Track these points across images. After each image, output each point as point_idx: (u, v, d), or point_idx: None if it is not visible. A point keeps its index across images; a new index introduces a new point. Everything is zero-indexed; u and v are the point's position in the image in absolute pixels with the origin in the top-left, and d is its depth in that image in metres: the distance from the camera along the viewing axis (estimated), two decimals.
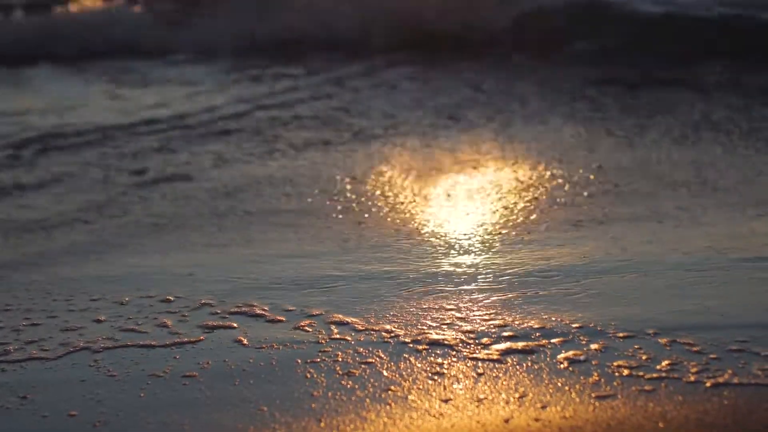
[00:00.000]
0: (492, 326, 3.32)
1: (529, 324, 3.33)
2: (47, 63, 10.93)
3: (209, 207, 4.92)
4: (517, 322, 3.35)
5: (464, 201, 5.00)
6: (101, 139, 6.66)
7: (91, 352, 3.18)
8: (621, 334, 3.23)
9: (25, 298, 3.67)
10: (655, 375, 2.94)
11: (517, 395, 2.85)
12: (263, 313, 3.48)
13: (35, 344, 3.24)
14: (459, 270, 3.88)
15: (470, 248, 4.15)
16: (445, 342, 3.20)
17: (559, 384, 2.90)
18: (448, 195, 5.15)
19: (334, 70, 9.54)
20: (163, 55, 10.91)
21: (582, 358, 3.07)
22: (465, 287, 3.69)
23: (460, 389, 2.89)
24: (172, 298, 3.62)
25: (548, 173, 5.66)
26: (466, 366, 3.03)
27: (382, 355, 3.12)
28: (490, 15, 10.65)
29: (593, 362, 3.04)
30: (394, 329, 3.31)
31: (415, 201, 5.01)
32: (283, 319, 3.43)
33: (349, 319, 3.40)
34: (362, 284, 3.74)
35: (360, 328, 3.33)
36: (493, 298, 3.57)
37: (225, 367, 3.06)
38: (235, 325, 3.38)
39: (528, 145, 6.31)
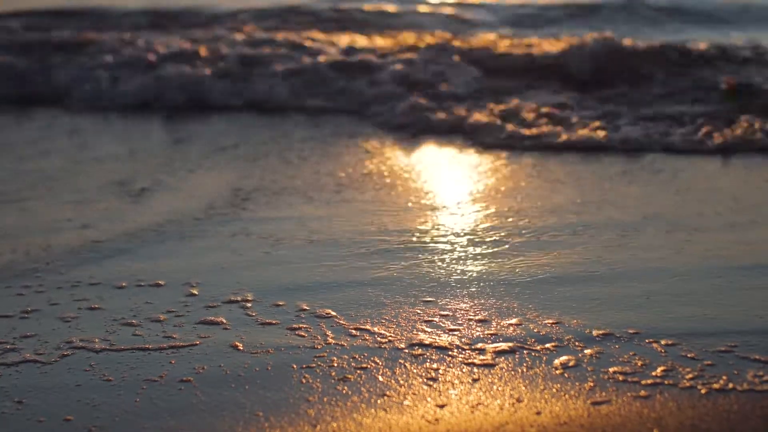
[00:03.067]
0: (487, 332, 3.32)
1: (524, 330, 3.33)
2: None
3: (207, 213, 4.92)
4: (512, 328, 3.35)
5: (458, 208, 5.01)
6: None
7: (87, 356, 3.18)
8: (616, 341, 3.23)
9: (23, 300, 3.66)
10: (650, 381, 2.95)
11: (512, 401, 2.85)
12: (258, 318, 3.48)
13: (31, 348, 3.23)
14: (454, 275, 3.88)
15: (465, 254, 4.15)
16: (441, 347, 3.20)
17: (555, 390, 2.91)
18: (442, 202, 5.16)
19: None
20: None
21: (577, 363, 3.07)
22: (460, 293, 3.69)
23: (456, 395, 2.89)
24: (168, 302, 3.62)
25: (541, 179, 5.67)
26: (462, 371, 3.04)
27: (378, 361, 3.12)
28: None
29: (588, 368, 3.04)
30: (389, 334, 3.31)
31: (408, 207, 5.01)
32: (278, 323, 3.43)
33: (344, 324, 3.40)
34: (357, 290, 3.74)
35: (355, 333, 3.33)
36: (488, 304, 3.57)
37: (220, 372, 3.06)
38: (230, 329, 3.38)
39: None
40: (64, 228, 4.65)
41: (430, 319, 3.44)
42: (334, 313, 3.49)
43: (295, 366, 3.09)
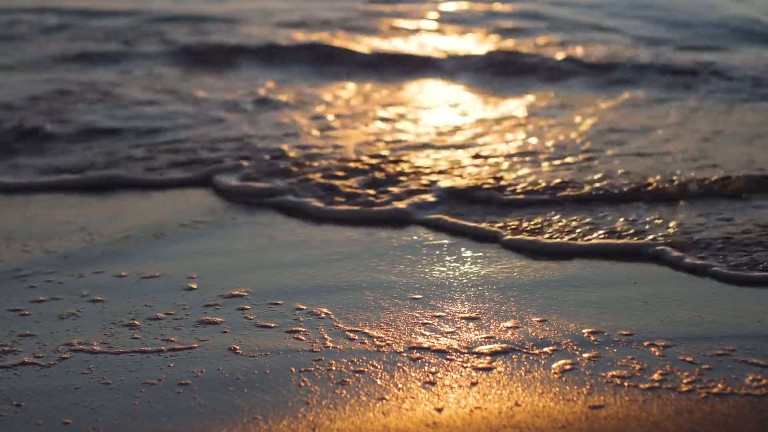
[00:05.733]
0: (485, 336, 3.33)
1: (522, 333, 3.34)
2: None
3: (206, 215, 4.92)
4: (509, 332, 3.35)
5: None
6: None
7: (86, 358, 3.18)
8: (614, 344, 3.24)
9: (23, 301, 3.66)
10: (648, 385, 2.95)
11: (510, 404, 2.85)
12: (257, 321, 3.48)
13: (30, 350, 3.23)
14: (452, 279, 3.89)
15: (463, 257, 4.15)
16: (439, 351, 3.21)
17: (553, 393, 2.91)
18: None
19: None
20: None
21: (575, 367, 3.08)
22: (458, 296, 3.69)
23: (454, 398, 2.90)
24: (166, 304, 3.62)
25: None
26: (460, 375, 3.04)
27: (376, 364, 3.12)
28: None
29: (587, 372, 3.05)
30: (387, 338, 3.32)
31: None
32: (277, 326, 3.43)
33: (342, 328, 3.40)
34: (356, 293, 3.74)
35: (353, 336, 3.33)
36: (485, 308, 3.58)
37: (219, 375, 3.06)
38: (228, 332, 3.39)
39: None
40: (64, 229, 4.65)
41: (428, 322, 3.44)
42: (332, 316, 3.50)
43: (293, 369, 3.09)
